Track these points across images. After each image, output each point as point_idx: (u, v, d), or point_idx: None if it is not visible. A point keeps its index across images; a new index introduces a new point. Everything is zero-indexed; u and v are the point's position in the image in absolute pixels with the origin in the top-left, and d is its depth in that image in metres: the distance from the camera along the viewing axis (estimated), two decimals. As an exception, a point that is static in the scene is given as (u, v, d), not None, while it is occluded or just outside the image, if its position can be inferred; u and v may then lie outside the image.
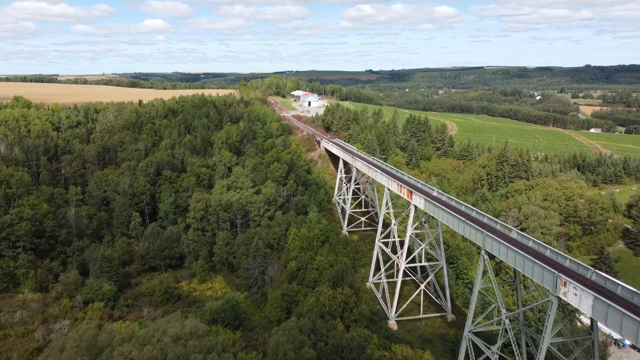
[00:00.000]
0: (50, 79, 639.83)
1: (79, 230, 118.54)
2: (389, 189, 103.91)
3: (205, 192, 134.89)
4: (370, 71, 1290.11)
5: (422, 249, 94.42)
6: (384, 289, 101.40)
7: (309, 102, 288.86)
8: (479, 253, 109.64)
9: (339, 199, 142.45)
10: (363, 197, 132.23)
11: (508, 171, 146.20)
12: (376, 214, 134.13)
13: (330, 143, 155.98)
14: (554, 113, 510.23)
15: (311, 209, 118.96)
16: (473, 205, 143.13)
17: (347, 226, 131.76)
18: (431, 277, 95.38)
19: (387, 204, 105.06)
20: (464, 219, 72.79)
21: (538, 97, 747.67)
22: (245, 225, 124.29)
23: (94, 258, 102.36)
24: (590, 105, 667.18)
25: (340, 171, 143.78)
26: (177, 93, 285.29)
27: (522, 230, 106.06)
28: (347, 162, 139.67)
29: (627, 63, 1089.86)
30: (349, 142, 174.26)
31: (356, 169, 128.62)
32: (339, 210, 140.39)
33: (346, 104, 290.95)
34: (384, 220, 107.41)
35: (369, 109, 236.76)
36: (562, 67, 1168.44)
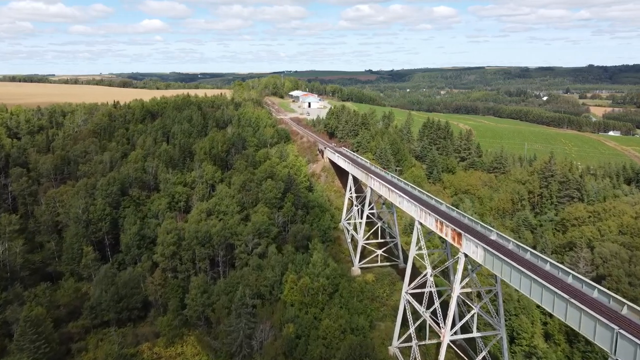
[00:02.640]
0: (41, 79, 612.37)
1: (12, 273, 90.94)
2: (420, 223, 76.58)
3: (180, 218, 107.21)
4: (370, 71, 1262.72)
5: (474, 315, 67.00)
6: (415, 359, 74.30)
7: (309, 103, 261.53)
8: (538, 314, 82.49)
9: (348, 224, 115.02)
10: (380, 224, 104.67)
11: (555, 189, 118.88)
12: (395, 245, 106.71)
13: (336, 154, 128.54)
14: (567, 114, 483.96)
15: (314, 245, 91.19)
16: (513, 232, 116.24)
17: (360, 261, 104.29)
18: (485, 352, 67.83)
19: (417, 242, 77.83)
20: (567, 296, 45.20)
21: (545, 98, 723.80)
22: (229, 263, 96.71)
23: (17, 318, 74.66)
24: (599, 106, 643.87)
25: (350, 189, 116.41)
26: (169, 93, 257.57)
27: (599, 279, 78.68)
28: (357, 179, 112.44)
29: (630, 63, 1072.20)
30: (357, 151, 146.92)
31: (371, 189, 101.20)
32: (348, 239, 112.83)
33: (348, 104, 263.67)
34: (409, 260, 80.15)
35: (377, 111, 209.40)
36: (565, 67, 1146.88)
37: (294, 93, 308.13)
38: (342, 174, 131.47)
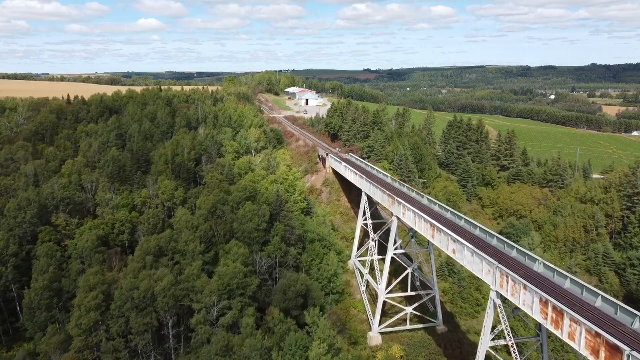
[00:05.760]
0: (25, 77, 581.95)
1: None
2: (499, 294, 43.74)
3: (118, 262, 73.70)
4: (369, 70, 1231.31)
5: None
6: None
7: (307, 101, 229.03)
8: None
9: (360, 263, 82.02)
10: (410, 270, 71.57)
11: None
12: (432, 299, 73.61)
13: (343, 163, 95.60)
14: (582, 113, 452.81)
15: (313, 317, 57.19)
16: (589, 274, 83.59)
17: (381, 324, 71.29)
18: None
19: (494, 323, 44.93)
20: None
21: (552, 97, 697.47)
22: (184, 338, 63.37)
23: None
24: (610, 105, 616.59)
25: (364, 212, 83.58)
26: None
27: None
28: (373, 199, 79.71)
29: (630, 62, 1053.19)
30: (368, 158, 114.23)
31: (398, 219, 68.12)
32: (362, 287, 79.61)
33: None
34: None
35: (389, 110, 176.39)
36: (567, 66, 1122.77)
37: (290, 90, 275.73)
38: (351, 189, 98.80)
